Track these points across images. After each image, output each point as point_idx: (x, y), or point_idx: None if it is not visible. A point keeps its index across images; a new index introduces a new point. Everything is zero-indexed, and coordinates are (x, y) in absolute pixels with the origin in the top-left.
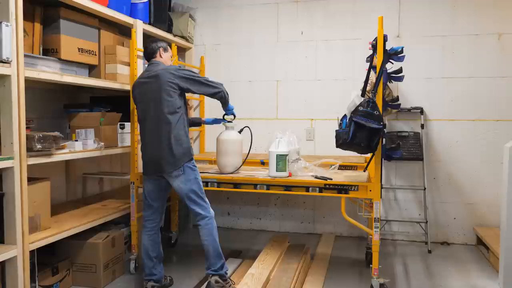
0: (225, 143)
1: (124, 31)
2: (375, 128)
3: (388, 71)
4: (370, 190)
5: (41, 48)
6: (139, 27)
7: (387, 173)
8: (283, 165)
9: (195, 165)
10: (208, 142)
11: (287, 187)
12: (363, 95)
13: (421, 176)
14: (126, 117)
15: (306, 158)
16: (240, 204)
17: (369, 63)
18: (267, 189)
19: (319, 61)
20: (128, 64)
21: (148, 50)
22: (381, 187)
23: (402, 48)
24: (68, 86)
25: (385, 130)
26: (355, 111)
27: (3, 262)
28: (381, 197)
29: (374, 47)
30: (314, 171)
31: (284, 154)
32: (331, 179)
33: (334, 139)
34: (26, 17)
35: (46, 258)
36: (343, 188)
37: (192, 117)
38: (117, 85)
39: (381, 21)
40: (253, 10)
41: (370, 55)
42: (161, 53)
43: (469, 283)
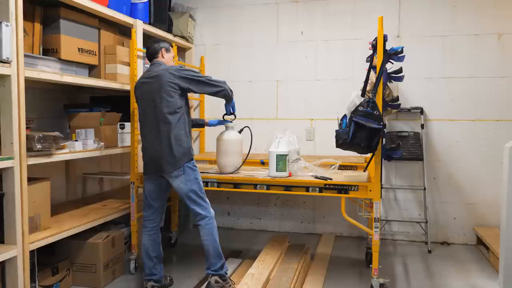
0: (225, 143)
1: (124, 31)
2: (375, 128)
3: (388, 71)
4: (370, 190)
5: (41, 48)
6: (139, 27)
7: (387, 173)
8: (283, 165)
9: (195, 165)
10: (208, 142)
11: (287, 187)
12: (363, 95)
13: (421, 176)
14: (126, 117)
15: (306, 158)
16: (240, 204)
17: (369, 63)
18: (267, 189)
19: (319, 61)
20: (128, 64)
21: (150, 51)
22: (381, 187)
23: (402, 48)
24: (68, 86)
25: (385, 130)
26: (355, 111)
27: (3, 262)
28: (381, 197)
29: (374, 47)
30: (314, 171)
31: (284, 154)
32: (331, 179)
33: (334, 139)
34: (26, 17)
35: (46, 258)
36: (343, 188)
37: (195, 118)
38: (117, 85)
39: (381, 21)
40: (253, 10)
41: (370, 55)
42: (163, 53)
43: (469, 283)
